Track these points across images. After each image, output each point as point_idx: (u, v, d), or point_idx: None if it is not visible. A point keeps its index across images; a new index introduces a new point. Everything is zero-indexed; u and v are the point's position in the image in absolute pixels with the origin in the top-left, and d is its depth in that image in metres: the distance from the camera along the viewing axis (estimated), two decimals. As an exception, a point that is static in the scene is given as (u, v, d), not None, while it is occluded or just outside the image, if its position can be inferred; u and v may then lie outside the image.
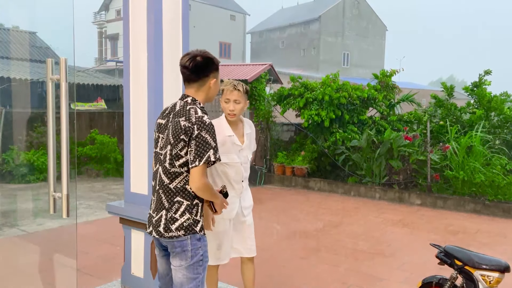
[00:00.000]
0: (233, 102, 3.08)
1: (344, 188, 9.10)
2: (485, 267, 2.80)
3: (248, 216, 3.32)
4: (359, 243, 5.79)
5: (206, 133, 2.29)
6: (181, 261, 2.37)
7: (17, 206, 7.68)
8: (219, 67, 2.51)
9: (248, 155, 3.23)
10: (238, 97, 3.08)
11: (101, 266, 4.72)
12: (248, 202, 3.33)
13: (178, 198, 2.35)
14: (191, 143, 2.28)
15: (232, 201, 3.17)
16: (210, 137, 2.29)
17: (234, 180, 3.17)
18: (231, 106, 3.09)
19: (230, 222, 3.22)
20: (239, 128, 3.22)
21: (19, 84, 9.60)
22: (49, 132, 2.15)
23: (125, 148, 3.42)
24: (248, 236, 3.32)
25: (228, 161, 3.13)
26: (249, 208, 3.33)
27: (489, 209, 7.46)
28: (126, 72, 3.35)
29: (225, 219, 3.18)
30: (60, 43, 15.10)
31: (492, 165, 7.73)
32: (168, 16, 3.23)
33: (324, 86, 9.60)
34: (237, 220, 3.26)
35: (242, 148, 3.17)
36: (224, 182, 3.15)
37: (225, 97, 3.11)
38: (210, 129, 2.31)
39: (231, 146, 3.13)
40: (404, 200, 8.32)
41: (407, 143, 8.45)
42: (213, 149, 2.29)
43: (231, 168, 3.15)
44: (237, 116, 3.14)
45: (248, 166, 3.26)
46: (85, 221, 6.63)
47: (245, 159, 3.20)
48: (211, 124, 2.33)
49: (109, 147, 10.43)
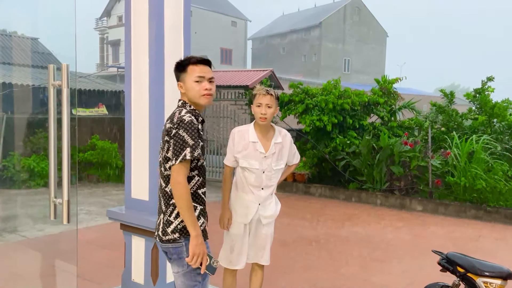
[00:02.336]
0: (265, 106, 3.09)
1: (345, 194, 9.08)
2: (488, 274, 2.78)
3: (268, 226, 3.28)
4: (360, 249, 5.76)
5: (184, 131, 2.25)
6: (178, 267, 2.36)
7: (18, 212, 7.67)
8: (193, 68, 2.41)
9: (273, 164, 3.18)
10: (270, 102, 3.10)
11: (101, 272, 4.70)
12: (270, 212, 3.27)
13: (173, 201, 2.33)
14: (170, 142, 2.29)
15: (249, 206, 3.19)
16: (188, 135, 2.24)
17: (252, 186, 3.18)
18: (262, 110, 3.10)
19: (246, 227, 3.21)
20: (269, 136, 3.19)
21: (21, 90, 9.62)
22: (50, 138, 2.16)
23: (126, 154, 3.42)
24: (264, 246, 3.30)
25: (247, 166, 3.15)
26: (270, 218, 3.28)
27: (490, 215, 7.43)
28: (128, 78, 3.36)
29: (239, 222, 3.20)
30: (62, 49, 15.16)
31: (494, 171, 7.71)
32: (169, 22, 3.24)
33: (325, 92, 9.61)
34: (255, 228, 3.24)
35: (266, 156, 3.15)
36: (244, 186, 3.20)
37: (257, 101, 3.13)
38: (189, 128, 2.25)
39: (253, 152, 3.14)
40: (405, 206, 8.29)
41: (408, 149, 8.44)
42: (190, 147, 2.23)
43: (251, 173, 3.16)
44: (268, 121, 3.13)
45: (272, 175, 3.21)
46: (86, 226, 6.61)
47: (268, 168, 3.17)
48: (191, 123, 2.27)
49: (109, 153, 10.43)
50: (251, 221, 3.21)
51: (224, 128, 11.10)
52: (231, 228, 3.21)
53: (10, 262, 5.08)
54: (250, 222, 3.21)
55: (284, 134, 3.28)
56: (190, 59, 2.41)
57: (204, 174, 2.45)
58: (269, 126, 3.21)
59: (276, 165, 3.21)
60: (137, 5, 3.27)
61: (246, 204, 3.19)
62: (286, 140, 3.27)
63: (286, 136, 3.28)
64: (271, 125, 3.25)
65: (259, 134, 3.17)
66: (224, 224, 3.21)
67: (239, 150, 3.17)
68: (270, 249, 3.35)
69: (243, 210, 3.20)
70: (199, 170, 2.39)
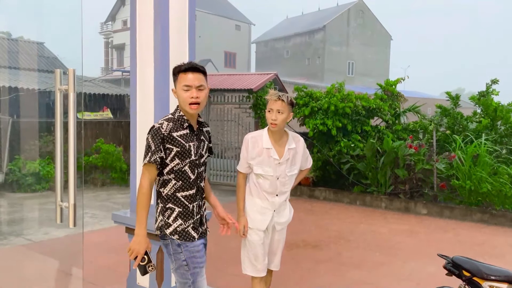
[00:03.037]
0: (276, 112, 3.04)
1: (349, 197, 9.05)
2: (494, 278, 2.77)
3: (280, 232, 3.28)
4: (365, 253, 5.74)
5: (150, 137, 2.44)
6: (171, 264, 2.57)
7: (23, 215, 7.70)
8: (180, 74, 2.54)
9: (287, 170, 3.15)
10: (281, 107, 3.04)
11: (106, 276, 4.71)
12: (284, 219, 3.27)
13: (158, 200, 2.58)
14: None
15: (264, 212, 3.17)
16: (152, 141, 2.42)
17: (267, 192, 3.16)
18: (273, 115, 3.05)
19: (264, 233, 3.20)
20: (282, 142, 3.15)
21: (27, 94, 9.69)
22: (57, 142, 2.17)
23: (131, 157, 3.43)
24: (275, 252, 3.31)
25: (261, 173, 3.12)
26: (283, 224, 3.29)
27: (496, 218, 7.39)
28: (133, 82, 3.38)
29: (257, 229, 3.17)
30: (67, 53, 15.25)
31: (499, 175, 7.67)
32: (174, 26, 3.26)
33: (329, 95, 9.61)
34: (270, 234, 3.24)
35: (280, 162, 3.11)
36: (259, 192, 3.18)
37: (269, 106, 3.09)
38: (154, 134, 2.43)
39: (267, 158, 3.10)
40: (410, 209, 8.26)
41: (412, 152, 8.41)
42: (151, 152, 2.41)
43: (265, 180, 3.14)
44: (279, 127, 3.07)
45: (286, 181, 3.19)
46: (91, 230, 6.63)
47: (283, 174, 3.14)
48: (158, 129, 2.43)
49: (114, 156, 10.46)
50: (267, 228, 3.20)
51: (228, 131, 11.11)
52: (249, 235, 3.18)
53: (16, 266, 5.11)
54: (266, 229, 3.20)
55: (298, 140, 3.25)
56: (181, 67, 2.49)
57: (187, 178, 2.51)
58: (283, 131, 3.17)
59: (290, 171, 3.18)
60: (142, 9, 3.29)
61: (262, 211, 3.18)
62: (300, 145, 3.24)
63: (300, 142, 3.25)
64: (285, 131, 3.20)
65: (273, 140, 3.13)
66: (241, 231, 3.17)
67: (253, 156, 3.13)
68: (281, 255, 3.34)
69: (258, 217, 3.18)
70: (177, 173, 2.49)
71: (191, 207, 2.53)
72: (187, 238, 2.50)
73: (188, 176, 2.50)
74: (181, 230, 2.49)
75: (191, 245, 2.50)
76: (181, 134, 2.46)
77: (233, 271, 4.83)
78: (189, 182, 2.51)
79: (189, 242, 2.49)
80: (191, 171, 2.51)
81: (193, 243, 2.50)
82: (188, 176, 2.50)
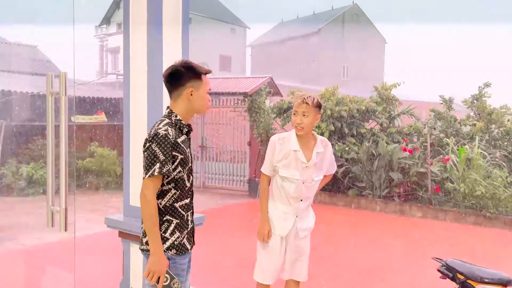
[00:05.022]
0: (301, 115, 2.96)
1: (344, 200, 9.06)
2: (488, 281, 2.77)
3: (304, 238, 3.15)
4: (359, 256, 5.74)
5: (156, 145, 2.19)
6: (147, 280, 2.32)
7: (16, 220, 7.64)
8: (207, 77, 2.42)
9: (313, 174, 3.05)
10: (306, 110, 2.95)
11: (99, 281, 4.67)
12: (307, 225, 3.15)
13: (167, 217, 2.35)
14: (144, 154, 2.27)
15: (286, 218, 3.07)
16: (159, 150, 2.19)
17: (291, 197, 3.05)
18: (298, 119, 2.97)
19: (283, 240, 3.08)
20: (310, 145, 3.05)
21: (20, 97, 9.63)
22: (48, 146, 2.15)
23: (125, 161, 3.41)
24: (300, 259, 3.16)
25: (287, 176, 3.02)
26: (307, 230, 3.16)
27: (490, 221, 7.41)
28: (126, 86, 3.36)
29: (276, 235, 3.07)
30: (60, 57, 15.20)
31: (493, 178, 7.71)
32: (168, 29, 3.24)
33: (324, 99, 9.63)
34: (293, 241, 3.11)
35: (307, 165, 3.01)
36: (282, 197, 3.07)
37: (294, 109, 3.02)
38: (162, 142, 2.19)
39: (294, 161, 3.00)
40: (405, 212, 8.27)
41: (407, 155, 8.44)
42: (160, 162, 2.18)
43: (290, 184, 3.03)
44: (305, 130, 2.98)
45: (312, 186, 3.08)
46: (84, 234, 6.58)
47: (309, 178, 3.03)
48: (165, 137, 2.20)
49: (108, 160, 10.41)
50: (289, 234, 3.08)
51: (223, 134, 11.10)
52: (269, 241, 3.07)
53: (8, 270, 5.05)
54: (288, 235, 3.08)
55: (326, 144, 3.14)
56: (205, 69, 2.41)
57: (184, 186, 2.37)
58: (310, 134, 3.07)
59: (317, 175, 3.08)
60: (135, 13, 3.28)
61: (284, 216, 3.07)
62: (328, 149, 3.14)
63: (328, 146, 3.15)
64: (312, 133, 3.11)
65: (300, 142, 3.03)
66: (264, 236, 3.06)
67: (279, 159, 3.03)
68: (307, 264, 3.20)
69: (280, 223, 3.07)
70: (177, 182, 2.32)
71: (186, 217, 2.40)
72: (182, 250, 2.35)
73: (185, 184, 2.37)
74: (178, 244, 2.33)
75: (180, 262, 2.34)
76: (182, 140, 2.32)
77: (230, 275, 4.81)
78: (185, 190, 2.38)
79: (179, 258, 2.33)
80: (187, 179, 2.38)
81: (182, 260, 2.35)
82: (185, 184, 2.37)
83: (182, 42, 3.35)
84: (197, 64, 2.45)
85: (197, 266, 2.85)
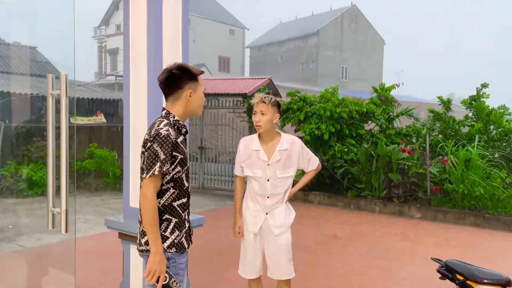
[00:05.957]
0: (260, 113, 3.13)
1: (343, 201, 9.07)
2: (487, 282, 2.77)
3: (282, 235, 3.23)
4: (358, 257, 5.74)
5: (158, 145, 2.23)
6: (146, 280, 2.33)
7: (16, 221, 7.63)
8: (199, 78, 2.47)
9: (277, 172, 3.16)
10: (264, 109, 3.12)
11: (99, 282, 4.67)
12: (280, 221, 3.23)
13: (166, 216, 2.39)
14: (144, 155, 2.30)
15: (256, 215, 3.23)
16: (161, 149, 2.23)
17: (258, 194, 3.22)
18: (256, 117, 3.14)
19: (256, 236, 3.24)
20: (273, 143, 3.20)
21: (19, 99, 9.62)
22: (49, 147, 2.16)
23: (125, 162, 3.41)
24: (283, 257, 3.25)
25: (251, 174, 3.20)
26: (282, 227, 3.24)
27: (489, 222, 7.43)
28: (126, 87, 3.37)
29: (249, 231, 3.25)
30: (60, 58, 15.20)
31: (492, 178, 7.72)
32: (168, 31, 3.25)
33: (323, 100, 9.64)
34: (268, 238, 3.23)
35: (269, 163, 3.16)
36: (251, 195, 3.25)
37: (254, 109, 3.19)
38: (164, 142, 2.24)
39: (257, 160, 3.18)
40: (404, 213, 8.28)
41: (406, 156, 8.45)
42: (160, 161, 2.22)
43: (255, 182, 3.20)
44: (264, 128, 3.14)
45: (278, 183, 3.18)
46: (84, 235, 6.58)
47: (273, 175, 3.16)
48: (167, 137, 2.25)
49: (108, 161, 10.41)
50: (262, 231, 3.23)
51: (222, 136, 11.10)
52: (244, 236, 3.27)
53: (8, 272, 5.05)
54: (261, 233, 3.23)
55: (292, 141, 3.24)
56: (199, 70, 2.47)
57: (182, 186, 2.41)
58: (273, 133, 3.22)
59: (282, 172, 3.19)
60: (135, 14, 3.29)
61: (255, 213, 3.24)
62: (294, 147, 3.23)
63: (295, 143, 3.24)
64: (278, 132, 3.25)
65: (262, 142, 3.21)
66: (235, 232, 3.28)
67: (243, 159, 3.23)
68: (289, 261, 3.28)
69: (251, 219, 3.25)
70: (175, 182, 2.37)
71: (183, 215, 2.44)
72: (181, 249, 2.38)
73: (184, 184, 2.42)
74: (178, 242, 2.37)
75: (179, 261, 2.37)
76: (181, 140, 2.37)
77: (229, 276, 4.82)
78: (183, 189, 2.43)
79: (178, 256, 2.36)
80: (186, 179, 2.44)
81: (181, 259, 2.38)
82: (183, 183, 2.42)
83: (182, 43, 3.36)
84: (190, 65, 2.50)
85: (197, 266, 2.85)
